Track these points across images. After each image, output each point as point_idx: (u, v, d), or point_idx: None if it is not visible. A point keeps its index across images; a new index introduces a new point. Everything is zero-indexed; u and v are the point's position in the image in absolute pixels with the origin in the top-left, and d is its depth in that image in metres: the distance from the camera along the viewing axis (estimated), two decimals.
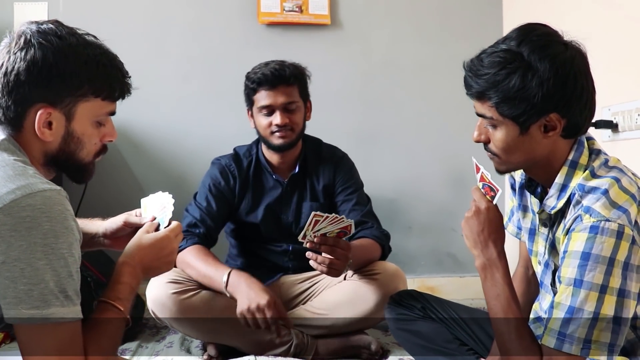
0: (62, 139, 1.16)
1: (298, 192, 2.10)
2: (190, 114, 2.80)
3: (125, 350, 1.99)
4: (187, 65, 2.80)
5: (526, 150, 1.21)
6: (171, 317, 1.80)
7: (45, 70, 1.09)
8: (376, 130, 2.92)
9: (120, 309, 1.18)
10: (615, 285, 1.08)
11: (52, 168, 1.21)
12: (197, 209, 1.99)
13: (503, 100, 1.16)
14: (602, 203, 1.12)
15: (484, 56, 1.20)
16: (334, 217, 1.61)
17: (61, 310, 1.00)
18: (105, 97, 1.17)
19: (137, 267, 1.25)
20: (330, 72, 2.88)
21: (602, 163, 1.20)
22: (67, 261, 1.02)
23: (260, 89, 1.97)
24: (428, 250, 2.97)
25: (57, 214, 1.02)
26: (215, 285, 1.82)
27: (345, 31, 2.89)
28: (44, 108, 1.11)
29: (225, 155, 2.13)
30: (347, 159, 2.19)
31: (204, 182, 2.08)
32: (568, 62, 1.14)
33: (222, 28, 2.83)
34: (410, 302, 1.67)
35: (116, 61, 1.20)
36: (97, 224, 1.51)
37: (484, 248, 1.27)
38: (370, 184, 2.87)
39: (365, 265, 1.91)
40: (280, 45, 2.84)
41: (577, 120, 1.18)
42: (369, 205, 2.10)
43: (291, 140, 2.00)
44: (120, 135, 2.68)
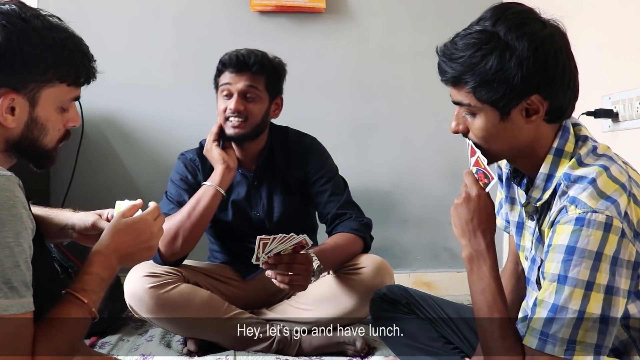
0: (25, 125, 1.10)
1: (267, 186, 2.02)
2: (180, 103, 2.74)
3: (105, 344, 1.94)
4: (178, 54, 2.74)
5: (508, 138, 1.14)
6: (148, 311, 1.74)
7: (8, 54, 1.03)
8: (371, 121, 2.85)
9: (84, 301, 1.11)
10: (603, 281, 1.00)
11: (13, 154, 1.15)
12: (169, 202, 1.92)
13: (480, 84, 1.08)
14: (589, 193, 1.03)
15: (457, 39, 1.12)
16: (282, 237, 1.54)
17: (3, 303, 0.94)
18: (71, 83, 1.12)
19: (112, 256, 1.19)
20: (324, 60, 2.81)
21: (590, 150, 1.12)
22: (12, 250, 0.96)
23: (225, 70, 1.91)
24: (424, 244, 2.90)
25: (3, 201, 0.96)
26: (207, 197, 1.83)
27: (340, 19, 2.81)
28: (6, 94, 1.05)
29: (191, 150, 2.06)
30: (316, 146, 2.09)
31: (172, 177, 2.00)
32: (547, 39, 1.07)
33: (213, 16, 2.76)
34: (394, 298, 1.60)
35: (82, 45, 1.14)
36: (67, 215, 1.45)
37: (472, 238, 1.20)
38: (365, 175, 2.83)
39: (346, 261, 1.85)
40: (273, 33, 2.76)
41: (561, 102, 1.11)
42: (345, 193, 2.01)
43: (244, 132, 1.90)
44: (109, 125, 2.70)
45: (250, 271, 1.97)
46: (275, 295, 1.99)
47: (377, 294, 1.66)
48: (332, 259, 1.79)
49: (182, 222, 1.81)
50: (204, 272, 1.94)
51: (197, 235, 1.84)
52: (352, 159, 2.82)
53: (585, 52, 2.06)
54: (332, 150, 2.17)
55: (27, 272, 1.00)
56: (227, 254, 2.07)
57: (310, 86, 2.81)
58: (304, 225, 2.02)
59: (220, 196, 1.85)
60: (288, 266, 1.61)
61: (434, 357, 1.48)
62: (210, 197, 1.83)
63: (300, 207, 2.05)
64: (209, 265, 2.02)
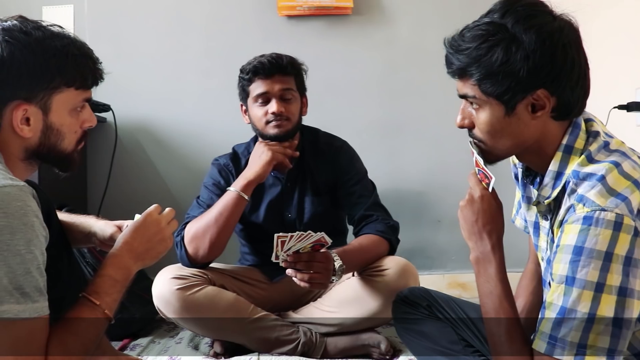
0: (42, 133, 1.15)
1: (299, 188, 2.04)
2: (211, 108, 2.78)
3: (136, 346, 1.99)
4: (208, 61, 2.78)
5: (514, 134, 1.11)
6: (174, 313, 1.77)
7: (14, 67, 1.08)
8: (401, 121, 2.83)
9: (96, 303, 1.15)
10: (615, 283, 0.96)
11: (34, 161, 1.20)
12: (199, 206, 1.96)
13: (486, 76, 1.06)
14: (598, 191, 1.00)
15: (465, 31, 1.11)
16: (299, 235, 1.55)
17: (15, 308, 0.98)
18: (79, 86, 1.17)
19: (125, 256, 1.24)
20: (352, 62, 2.81)
21: (601, 146, 1.08)
22: (23, 258, 1.00)
23: (256, 79, 1.93)
24: (459, 245, 2.82)
25: (14, 210, 1.00)
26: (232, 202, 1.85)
27: (367, 20, 2.80)
28: (18, 105, 1.10)
29: (224, 155, 2.11)
30: (346, 149, 2.11)
31: (205, 182, 2.04)
32: (556, 32, 1.04)
33: (242, 22, 2.79)
34: (415, 301, 1.59)
35: (85, 49, 1.18)
36: (91, 223, 1.50)
37: (478, 240, 1.19)
38: (396, 176, 2.81)
39: (370, 263, 1.84)
40: (301, 36, 2.78)
41: (569, 99, 1.07)
42: (373, 196, 2.02)
43: (287, 130, 1.94)
44: (142, 132, 2.77)
45: (277, 273, 1.98)
46: (302, 298, 2.01)
47: (399, 296, 1.65)
48: (355, 259, 1.79)
49: (208, 226, 1.84)
50: (230, 275, 1.97)
51: (223, 239, 1.87)
52: (382, 160, 2.81)
53: (617, 44, 2.00)
54: (362, 152, 2.17)
55: (40, 278, 1.03)
56: (257, 256, 2.10)
57: (339, 88, 2.81)
58: (333, 228, 2.03)
59: (245, 201, 1.88)
60: (307, 264, 1.61)
61: (454, 359, 1.46)
62: (234, 204, 1.86)
63: (330, 209, 2.06)
64: (236, 268, 2.05)
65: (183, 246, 1.87)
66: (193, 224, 1.88)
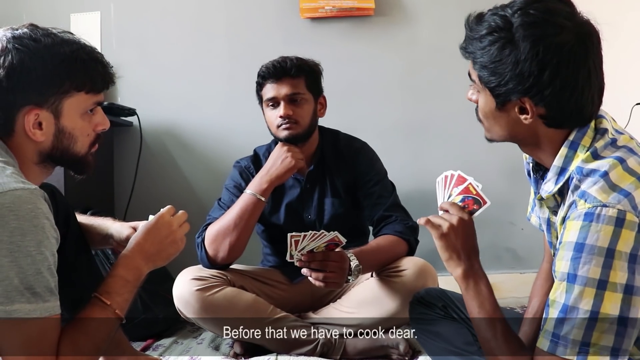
0: (54, 137, 1.19)
1: (319, 189, 2.05)
2: (235, 111, 2.80)
3: (159, 346, 2.02)
4: (232, 65, 2.81)
5: (505, 127, 1.13)
6: (194, 313, 1.80)
7: (24, 74, 1.11)
8: (425, 121, 2.81)
9: (107, 303, 1.18)
10: (619, 280, 0.94)
11: (49, 165, 1.24)
12: (220, 208, 1.98)
13: (482, 66, 1.08)
14: (600, 187, 0.99)
15: (485, 14, 1.10)
16: (312, 234, 1.57)
17: (26, 307, 1.01)
18: (89, 90, 1.20)
19: (136, 257, 1.26)
20: (375, 63, 2.80)
21: (608, 143, 1.06)
22: (34, 258, 1.03)
23: (266, 83, 1.96)
24: (485, 246, 2.75)
25: (25, 213, 1.03)
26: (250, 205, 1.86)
27: (390, 21, 2.79)
28: (30, 110, 1.13)
29: (245, 157, 2.13)
30: (365, 150, 2.11)
31: (227, 185, 2.07)
32: (555, 48, 1.01)
33: (265, 25, 2.82)
34: (431, 301, 1.58)
35: (94, 54, 1.21)
36: (108, 225, 1.54)
37: (465, 259, 1.22)
38: (420, 177, 2.79)
39: (388, 263, 1.83)
40: (324, 38, 2.79)
41: (557, 113, 1.06)
42: (392, 196, 2.01)
43: (297, 133, 1.94)
44: (167, 135, 2.82)
45: (298, 274, 1.97)
46: (322, 299, 2.01)
47: (416, 296, 1.64)
48: (372, 259, 1.79)
49: (228, 229, 1.86)
50: (250, 276, 1.98)
51: (243, 242, 1.88)
52: (406, 161, 2.80)
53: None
54: (386, 153, 2.16)
55: (51, 278, 1.07)
56: (278, 257, 2.11)
57: (362, 89, 2.82)
58: (354, 229, 2.04)
59: (263, 204, 1.89)
60: (322, 263, 1.62)
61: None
62: (253, 207, 1.87)
63: (350, 210, 2.06)
64: (256, 269, 2.06)
65: (204, 248, 1.89)
66: (213, 226, 1.90)
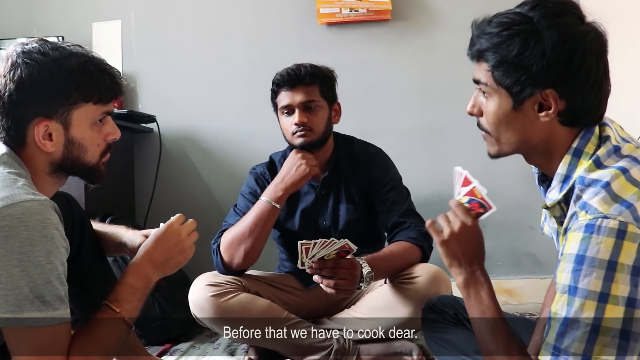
0: (64, 147, 1.21)
1: (334, 195, 2.05)
2: (255, 117, 2.82)
3: (176, 351, 2.05)
4: (250, 71, 2.83)
5: (519, 130, 1.10)
6: (209, 319, 1.82)
7: (33, 87, 1.15)
8: (443, 126, 2.79)
9: (116, 311, 1.20)
10: (622, 293, 0.93)
11: (61, 175, 1.27)
12: (235, 214, 2.00)
13: (499, 63, 1.06)
14: (602, 197, 0.97)
15: (494, 17, 1.09)
16: (323, 242, 1.58)
17: (36, 315, 1.04)
18: (97, 101, 1.22)
19: (145, 265, 1.29)
20: (393, 68, 2.81)
21: (611, 151, 1.04)
22: (44, 268, 1.06)
23: (280, 90, 1.97)
24: (505, 250, 2.79)
25: (35, 223, 1.06)
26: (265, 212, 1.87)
27: (407, 25, 2.79)
28: (40, 122, 1.17)
29: (261, 164, 2.14)
30: (380, 156, 2.10)
31: (242, 191, 2.08)
32: (580, 36, 1.02)
33: (282, 32, 2.84)
34: (443, 309, 1.57)
35: (102, 65, 1.23)
36: (121, 233, 1.56)
37: (467, 265, 1.18)
38: (438, 181, 2.77)
39: (401, 270, 1.83)
40: (341, 44, 2.80)
41: (578, 106, 1.05)
42: (407, 202, 2.00)
43: (311, 140, 1.95)
44: (187, 141, 2.86)
45: (312, 280, 1.99)
46: (337, 305, 2.01)
47: (428, 304, 1.63)
48: (385, 266, 1.78)
49: (243, 236, 1.87)
50: (266, 282, 2.00)
51: (257, 248, 1.90)
52: (425, 165, 2.79)
53: None
54: (404, 158, 2.15)
55: (61, 287, 1.09)
56: (293, 262, 2.11)
57: (380, 94, 2.81)
58: (369, 235, 2.04)
59: (278, 211, 1.90)
60: (333, 271, 1.63)
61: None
62: (267, 214, 1.88)
63: (365, 216, 2.06)
64: (271, 275, 2.08)
65: (219, 254, 1.91)
66: (229, 232, 1.92)
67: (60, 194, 1.51)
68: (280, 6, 2.84)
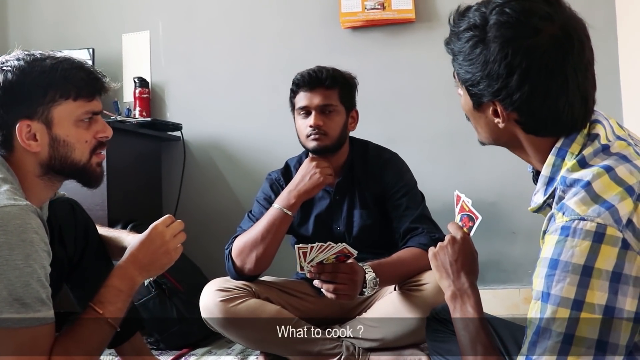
0: (50, 147, 1.24)
1: (348, 200, 2.02)
2: (280, 123, 2.83)
3: (192, 356, 2.06)
4: (276, 77, 2.86)
5: (485, 128, 1.07)
6: (218, 324, 1.83)
7: (9, 90, 1.18)
8: (471, 129, 2.69)
9: (99, 312, 1.22)
10: (598, 301, 0.86)
11: (53, 177, 1.29)
12: (249, 220, 2.00)
13: (458, 63, 1.03)
14: (580, 198, 0.90)
15: (469, 11, 1.04)
16: (320, 246, 1.56)
17: (15, 317, 1.07)
18: (76, 97, 1.24)
19: (129, 267, 1.30)
20: (418, 70, 2.77)
21: (598, 150, 0.97)
22: (22, 271, 1.08)
23: (299, 91, 1.95)
24: (536, 257, 2.68)
25: (13, 228, 1.08)
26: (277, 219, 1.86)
27: (431, 27, 2.76)
28: (22, 122, 1.20)
29: (276, 170, 2.14)
30: (394, 161, 2.06)
31: (257, 197, 2.08)
32: (525, 51, 0.94)
33: (306, 37, 2.86)
34: (445, 317, 1.52)
35: (78, 63, 1.25)
36: (123, 237, 1.60)
37: (455, 279, 1.17)
38: (467, 186, 2.70)
39: (410, 276, 1.79)
40: (365, 48, 2.80)
41: (528, 120, 0.99)
42: (420, 208, 1.95)
43: (325, 144, 1.92)
44: (214, 148, 2.89)
45: None
46: (351, 312, 1.98)
47: (433, 312, 1.59)
48: (392, 272, 1.75)
49: (255, 242, 1.87)
50: (278, 288, 1.99)
51: (269, 255, 1.89)
52: (452, 170, 2.73)
53: None
54: (431, 162, 2.09)
55: (42, 289, 1.12)
56: None
57: (406, 98, 2.78)
58: (385, 241, 2.00)
59: (290, 218, 1.89)
60: (332, 275, 1.60)
61: None
62: (280, 222, 1.88)
63: (379, 221, 2.03)
64: (284, 281, 2.07)
65: (231, 259, 1.92)
66: (241, 238, 1.92)
67: (64, 200, 1.55)
68: (304, 12, 2.86)
